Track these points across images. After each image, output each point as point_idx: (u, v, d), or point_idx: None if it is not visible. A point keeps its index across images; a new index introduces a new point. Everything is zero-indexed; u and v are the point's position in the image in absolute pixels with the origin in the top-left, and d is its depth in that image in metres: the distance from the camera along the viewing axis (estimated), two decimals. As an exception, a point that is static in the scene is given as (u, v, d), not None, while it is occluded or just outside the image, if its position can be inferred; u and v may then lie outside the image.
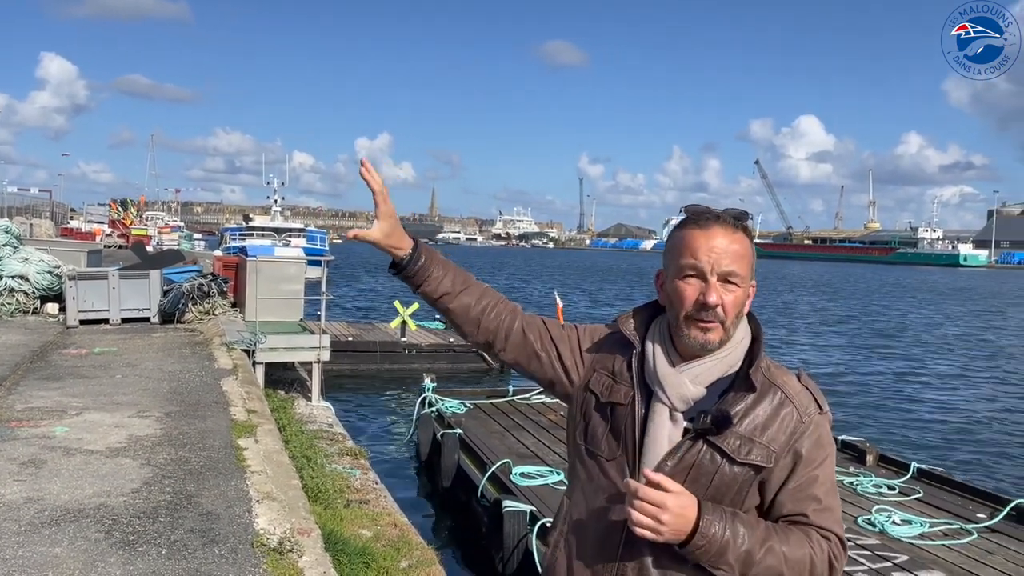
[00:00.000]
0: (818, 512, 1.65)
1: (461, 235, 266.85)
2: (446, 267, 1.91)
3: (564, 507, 1.85)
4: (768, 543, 1.58)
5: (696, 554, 1.57)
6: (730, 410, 1.63)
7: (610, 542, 1.70)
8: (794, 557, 1.59)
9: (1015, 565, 5.87)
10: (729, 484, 1.63)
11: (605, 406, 1.75)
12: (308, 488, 6.19)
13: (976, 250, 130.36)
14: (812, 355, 22.84)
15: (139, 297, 13.48)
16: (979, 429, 14.07)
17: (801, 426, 1.66)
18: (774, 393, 1.67)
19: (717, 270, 1.62)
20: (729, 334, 1.67)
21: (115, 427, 6.59)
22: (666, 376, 1.68)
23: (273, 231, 48.67)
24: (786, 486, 1.65)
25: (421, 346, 17.03)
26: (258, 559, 4.06)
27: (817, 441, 1.67)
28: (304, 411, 11.20)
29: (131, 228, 61.50)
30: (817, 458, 1.66)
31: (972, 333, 30.45)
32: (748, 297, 1.70)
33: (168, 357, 10.16)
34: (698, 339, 1.65)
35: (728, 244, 1.64)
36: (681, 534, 1.56)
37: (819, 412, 1.69)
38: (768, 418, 1.65)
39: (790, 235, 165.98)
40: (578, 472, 1.82)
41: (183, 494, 5.01)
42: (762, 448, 1.63)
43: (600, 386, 1.77)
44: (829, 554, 1.63)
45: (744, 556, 1.57)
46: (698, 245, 1.64)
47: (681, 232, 1.69)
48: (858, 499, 7.25)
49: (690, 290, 1.64)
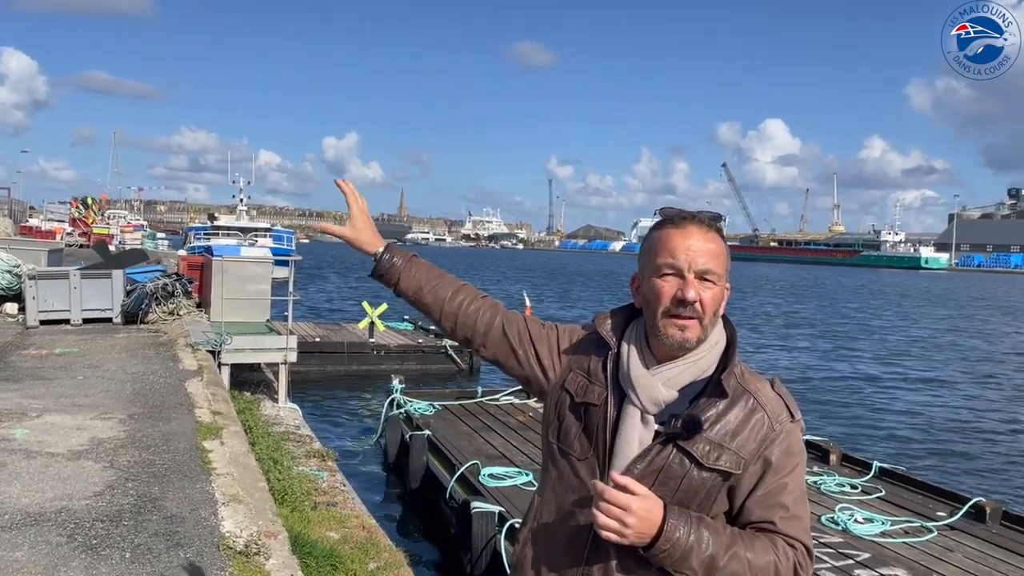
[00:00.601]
0: (785, 520, 1.65)
1: (430, 236, 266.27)
2: (420, 265, 1.95)
3: (534, 504, 1.86)
4: (733, 549, 1.59)
5: (660, 558, 1.58)
6: (701, 415, 1.64)
7: (577, 542, 1.71)
8: (758, 564, 1.60)
9: (973, 562, 5.99)
10: (697, 489, 1.64)
11: (579, 406, 1.76)
12: (275, 490, 6.13)
13: (937, 253, 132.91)
14: (776, 356, 23.13)
15: (101, 297, 13.27)
16: (939, 429, 14.34)
17: (772, 434, 1.66)
18: (746, 399, 1.68)
19: (694, 267, 1.64)
20: (706, 333, 1.67)
21: (77, 429, 6.48)
22: (639, 378, 1.69)
23: (239, 230, 48.13)
24: (754, 493, 1.66)
25: (389, 347, 16.95)
26: (224, 562, 4.03)
27: (787, 449, 1.67)
28: (271, 413, 11.10)
29: (93, 227, 60.43)
30: (787, 466, 1.67)
31: (932, 335, 31.01)
32: (724, 297, 1.71)
33: (131, 358, 10.02)
34: (676, 337, 1.65)
35: (704, 243, 1.66)
36: (645, 537, 1.56)
37: (791, 420, 1.69)
38: (739, 424, 1.66)
39: (756, 237, 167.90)
40: (550, 470, 1.83)
41: (147, 497, 4.95)
42: (731, 454, 1.64)
43: (575, 386, 1.78)
44: (794, 562, 1.63)
45: (708, 561, 1.57)
46: (675, 244, 1.66)
47: (657, 233, 1.71)
48: (822, 498, 7.35)
49: (668, 287, 1.65)
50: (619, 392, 1.72)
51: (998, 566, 5.91)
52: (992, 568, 5.87)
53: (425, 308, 1.95)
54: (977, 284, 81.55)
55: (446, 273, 1.97)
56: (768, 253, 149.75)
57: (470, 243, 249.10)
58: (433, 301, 1.92)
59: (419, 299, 1.94)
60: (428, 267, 1.96)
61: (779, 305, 43.35)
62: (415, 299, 1.94)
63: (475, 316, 1.91)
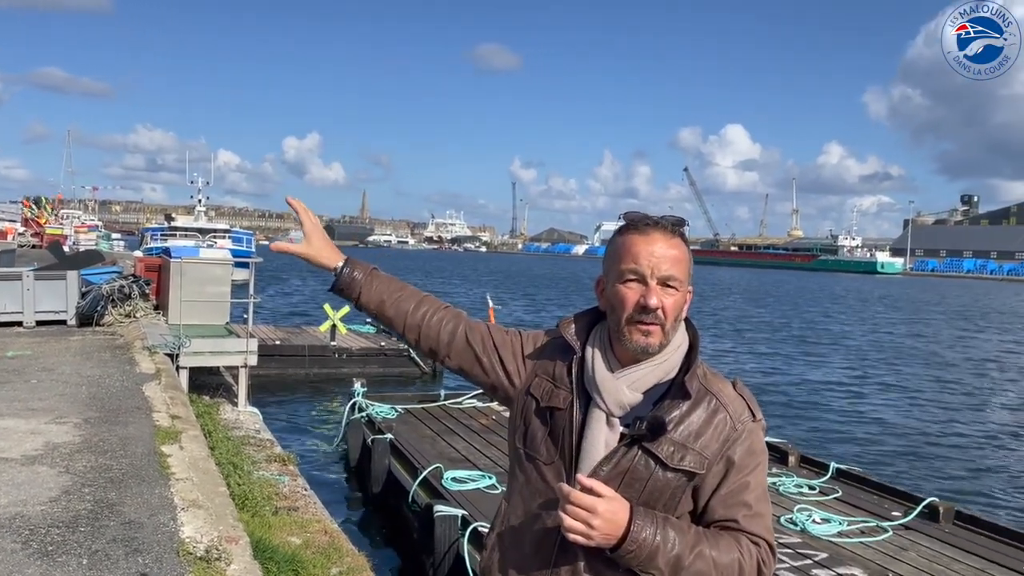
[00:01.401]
0: (748, 518, 1.68)
1: (393, 238, 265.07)
2: (382, 278, 1.95)
3: (502, 510, 1.87)
4: (698, 548, 1.61)
5: (626, 558, 1.59)
6: (665, 417, 1.66)
7: (545, 545, 1.72)
8: (723, 562, 1.62)
9: (927, 561, 6.13)
10: (662, 489, 1.66)
11: (545, 411, 1.77)
12: (235, 495, 6.06)
13: (892, 258, 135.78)
14: (737, 359, 23.41)
15: (55, 299, 13.01)
16: (895, 430, 14.64)
17: (734, 433, 1.69)
18: (709, 400, 1.70)
19: (657, 274, 1.66)
20: (669, 338, 1.70)
21: (31, 434, 6.34)
22: (603, 381, 1.71)
23: (197, 231, 47.54)
24: (718, 492, 1.69)
25: (351, 350, 16.84)
26: (184, 568, 3.97)
27: (749, 449, 1.70)
28: (230, 417, 10.95)
29: (46, 227, 59.21)
30: (749, 465, 1.70)
31: (889, 339, 31.64)
32: (686, 302, 1.73)
33: (87, 361, 9.83)
34: (639, 343, 1.68)
35: (667, 249, 1.67)
36: (612, 539, 1.58)
37: (752, 420, 1.72)
38: (702, 425, 1.68)
39: (717, 242, 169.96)
40: (517, 475, 1.84)
41: (104, 502, 4.86)
42: (695, 455, 1.66)
43: (540, 391, 1.79)
44: (758, 559, 1.66)
45: (674, 560, 1.59)
46: (638, 250, 1.67)
47: (622, 238, 1.72)
48: (780, 499, 7.46)
49: (631, 294, 1.67)
50: (584, 396, 1.73)
51: (951, 565, 6.05)
52: (945, 567, 6.00)
53: (388, 321, 1.94)
54: (932, 289, 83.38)
55: (408, 285, 1.97)
56: (728, 257, 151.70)
57: (433, 246, 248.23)
58: (396, 314, 1.92)
59: (381, 312, 1.93)
60: (389, 280, 1.96)
61: (743, 310, 43.90)
62: (377, 312, 1.94)
63: (438, 327, 1.91)
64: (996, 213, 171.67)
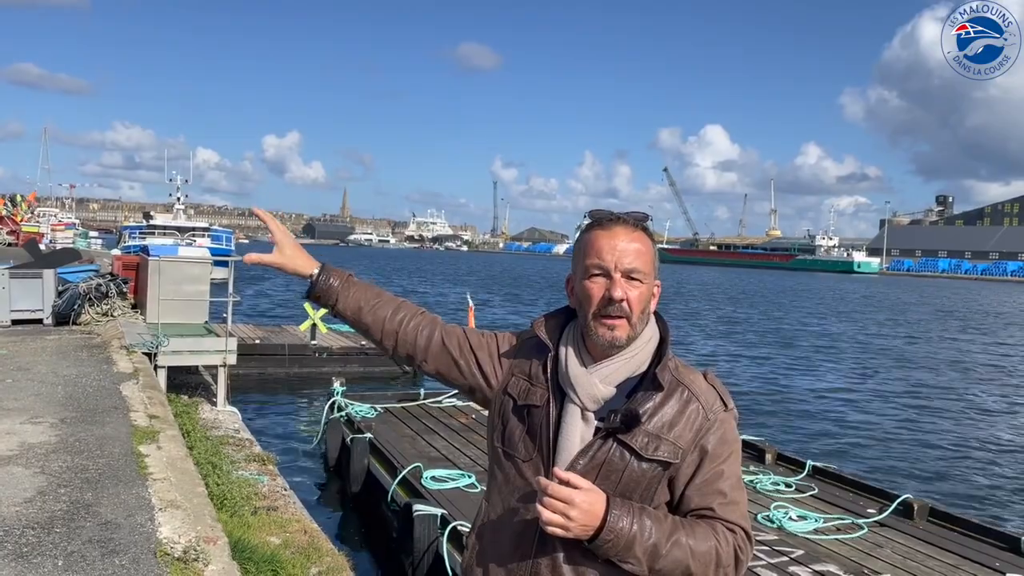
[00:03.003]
0: (724, 506, 1.71)
1: (374, 237, 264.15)
2: (358, 285, 1.96)
3: (482, 509, 1.89)
4: (675, 536, 1.64)
5: (604, 549, 1.62)
6: (638, 408, 1.70)
7: (525, 540, 1.74)
8: (700, 550, 1.65)
9: (902, 557, 6.20)
10: (638, 480, 1.70)
11: (522, 408, 1.80)
12: (214, 495, 6.03)
13: (869, 257, 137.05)
14: (716, 358, 23.54)
15: (31, 297, 12.87)
16: (870, 428, 14.78)
17: (707, 423, 1.73)
18: (681, 391, 1.74)
19: (620, 267, 1.70)
20: (636, 331, 1.74)
21: (5, 434, 6.28)
22: (577, 377, 1.75)
23: (176, 230, 47.22)
24: (693, 481, 1.72)
25: (332, 349, 16.77)
26: (162, 569, 3.95)
27: (722, 437, 1.74)
28: (209, 416, 10.89)
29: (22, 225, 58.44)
30: (722, 454, 1.73)
31: (862, 336, 31.94)
32: (653, 296, 1.78)
33: (63, 360, 9.73)
34: (606, 336, 1.71)
35: (629, 243, 1.72)
36: (589, 529, 1.61)
37: (724, 410, 1.76)
38: (675, 415, 1.72)
39: (696, 241, 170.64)
40: (496, 475, 1.87)
41: (80, 503, 4.82)
42: (669, 445, 1.70)
43: (517, 390, 1.82)
44: (735, 546, 1.70)
45: (651, 549, 1.62)
46: (601, 245, 1.72)
47: (586, 235, 1.77)
48: (757, 496, 7.52)
49: (596, 288, 1.72)
50: (560, 392, 1.77)
51: (926, 561, 6.13)
52: (920, 563, 6.08)
53: (365, 328, 1.95)
54: (910, 288, 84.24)
55: (384, 291, 1.99)
56: (707, 257, 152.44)
57: (414, 244, 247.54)
58: (373, 321, 1.94)
59: (359, 319, 1.95)
60: (366, 287, 1.97)
61: (726, 311, 44.13)
62: (354, 319, 1.95)
63: (415, 332, 1.93)
64: (971, 214, 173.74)
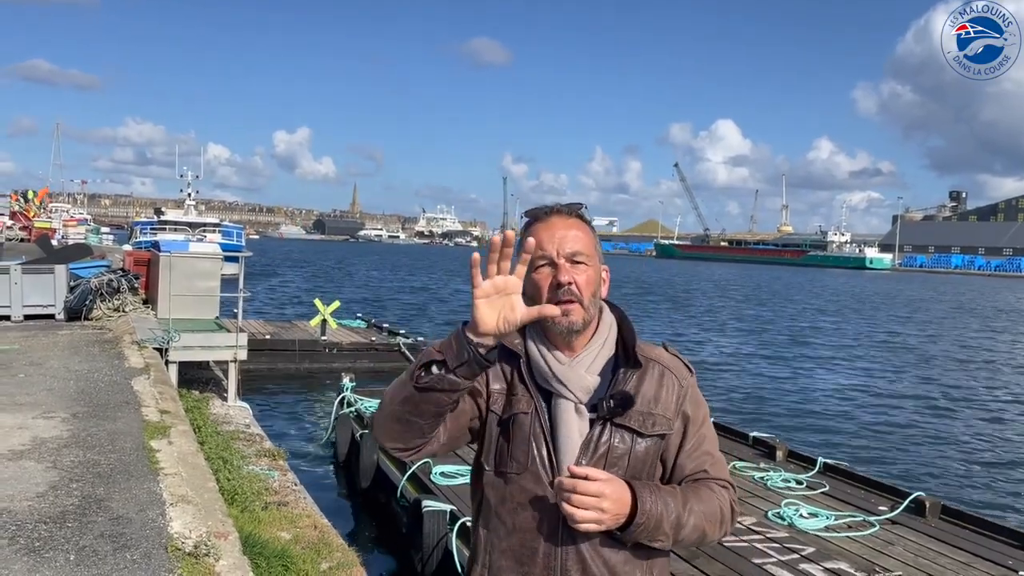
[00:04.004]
0: (713, 465, 1.81)
1: (383, 232, 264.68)
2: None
3: (481, 540, 1.81)
4: (688, 504, 1.70)
5: (637, 532, 1.64)
6: (626, 389, 1.74)
7: (551, 551, 1.70)
8: (709, 511, 1.74)
9: (913, 555, 6.16)
10: (643, 459, 1.74)
11: (508, 421, 1.77)
12: (225, 490, 6.05)
13: (881, 253, 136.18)
14: (728, 355, 23.48)
15: (43, 293, 12.95)
16: (882, 425, 14.71)
17: (681, 390, 1.81)
18: (652, 366, 1.80)
19: (563, 253, 1.74)
20: (590, 313, 1.75)
21: (18, 428, 6.31)
22: (564, 372, 1.74)
23: (187, 225, 47.34)
24: (683, 448, 1.80)
25: (342, 345, 16.80)
26: (173, 564, 3.96)
27: (696, 401, 1.83)
28: (220, 411, 10.93)
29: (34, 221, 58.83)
30: (700, 416, 1.83)
31: (874, 333, 31.79)
32: (603, 280, 1.82)
33: (75, 356, 9.79)
34: (562, 323, 1.72)
35: (567, 229, 1.76)
36: (621, 517, 1.62)
37: (690, 375, 1.86)
38: (656, 390, 1.78)
39: (707, 237, 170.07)
40: (487, 500, 1.79)
41: (92, 498, 4.84)
42: (660, 417, 1.77)
43: (499, 404, 1.79)
44: (730, 500, 1.80)
45: (675, 522, 1.67)
46: (541, 236, 1.75)
47: (526, 232, 1.79)
48: (768, 493, 7.49)
49: (543, 278, 1.74)
50: (544, 393, 1.76)
51: (937, 559, 6.09)
52: (931, 561, 6.04)
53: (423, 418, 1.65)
54: (922, 285, 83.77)
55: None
56: (718, 252, 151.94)
57: (424, 240, 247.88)
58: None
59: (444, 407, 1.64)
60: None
61: (739, 309, 44.01)
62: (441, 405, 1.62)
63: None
64: (984, 209, 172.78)
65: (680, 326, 31.17)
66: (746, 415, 14.17)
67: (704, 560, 5.71)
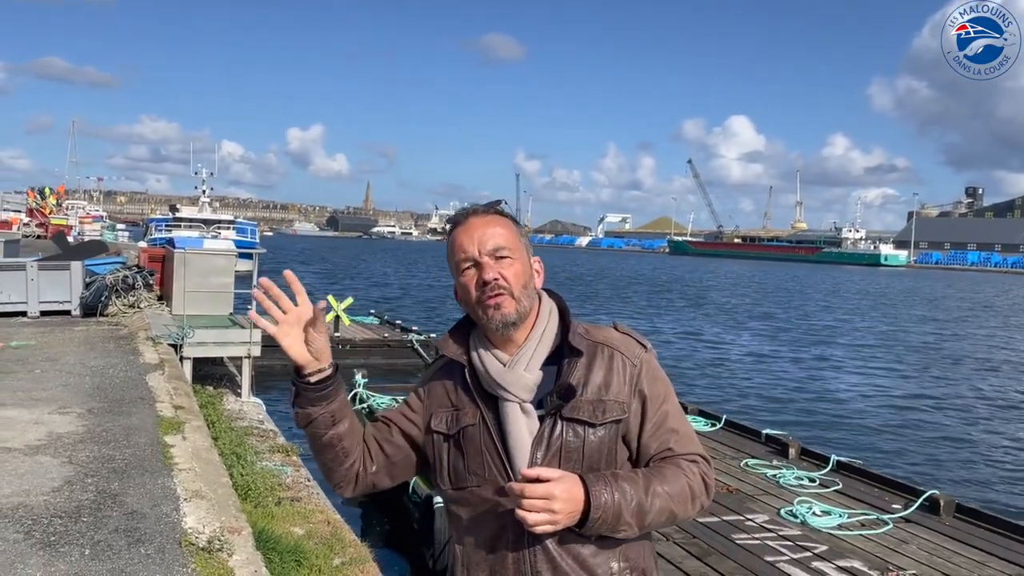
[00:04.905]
0: (679, 442, 1.75)
1: (396, 229, 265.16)
2: (345, 406, 1.84)
3: (458, 556, 1.82)
4: (651, 488, 1.65)
5: (596, 527, 1.61)
6: (570, 380, 1.71)
7: (518, 556, 1.70)
8: (675, 491, 1.68)
9: (927, 554, 6.13)
10: (599, 449, 1.70)
11: (455, 436, 1.77)
12: (238, 486, 6.09)
13: (896, 250, 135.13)
14: (745, 354, 23.40)
15: (59, 289, 13.04)
16: (896, 423, 14.63)
17: (635, 370, 1.76)
18: (601, 350, 1.76)
19: (484, 250, 1.72)
20: (523, 305, 1.73)
21: (34, 424, 6.37)
22: (501, 375, 1.73)
23: (201, 222, 47.57)
24: (644, 429, 1.75)
25: (355, 341, 16.87)
26: (186, 558, 3.99)
27: (653, 377, 1.78)
28: (234, 407, 10.99)
29: (50, 217, 59.29)
30: (660, 394, 1.77)
31: (888, 330, 31.59)
32: (536, 273, 1.80)
33: (91, 351, 9.86)
34: (495, 317, 1.71)
35: (485, 227, 1.74)
36: (576, 515, 1.60)
37: (644, 351, 1.80)
38: (606, 375, 1.74)
39: (721, 234, 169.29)
40: (456, 516, 1.81)
41: (107, 493, 4.88)
42: (612, 403, 1.72)
43: (443, 422, 1.79)
44: (700, 475, 1.73)
45: (636, 510, 1.63)
46: (462, 239, 1.75)
47: (449, 237, 1.79)
48: (780, 491, 7.47)
49: (470, 279, 1.73)
50: (490, 399, 1.75)
51: (952, 558, 6.05)
52: (946, 560, 6.01)
53: (335, 442, 1.80)
54: (939, 281, 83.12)
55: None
56: (732, 249, 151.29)
57: (436, 237, 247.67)
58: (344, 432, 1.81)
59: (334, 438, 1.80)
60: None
61: (754, 306, 43.83)
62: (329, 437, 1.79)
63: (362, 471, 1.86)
64: (1001, 206, 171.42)
65: (697, 323, 31.08)
66: (760, 412, 14.13)
67: (716, 558, 5.71)
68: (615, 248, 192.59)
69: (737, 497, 7.18)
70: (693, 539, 6.03)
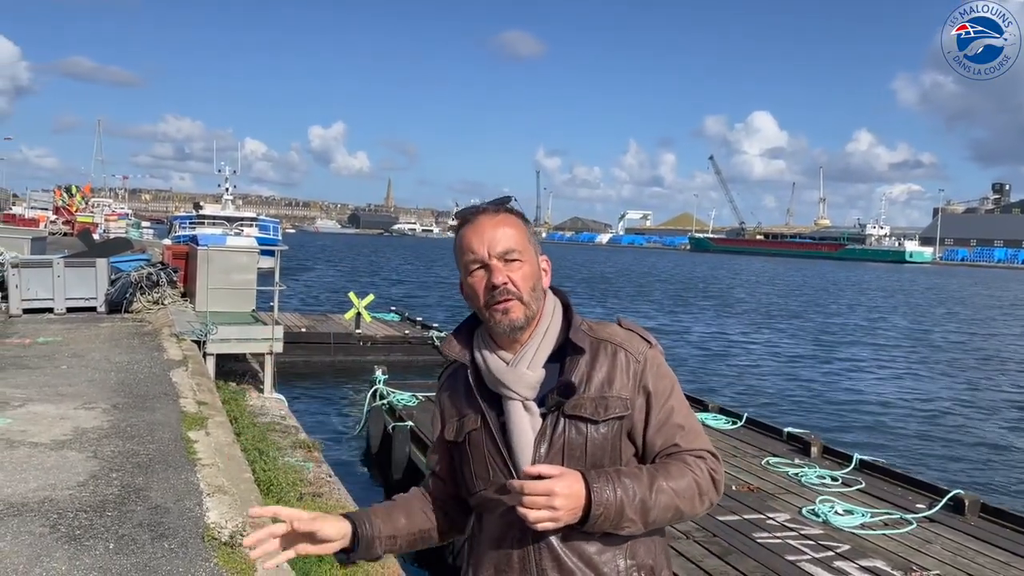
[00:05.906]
0: (685, 437, 1.72)
1: (417, 226, 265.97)
2: (380, 516, 1.86)
3: (466, 554, 1.85)
4: (656, 484, 1.63)
5: (599, 523, 1.60)
6: (571, 377, 1.69)
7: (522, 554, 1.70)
8: (681, 487, 1.65)
9: (952, 554, 6.06)
10: (602, 446, 1.68)
11: (462, 444, 1.78)
12: (260, 481, 6.14)
13: (922, 247, 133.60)
14: (762, 349, 23.26)
15: (85, 286, 13.20)
16: (920, 423, 14.48)
17: (639, 366, 1.73)
18: (605, 347, 1.74)
19: (494, 253, 1.70)
20: (531, 309, 1.72)
21: (60, 419, 6.46)
22: (504, 373, 1.72)
23: (224, 220, 47.93)
24: (649, 425, 1.72)
25: (376, 338, 16.93)
26: (209, 553, 4.03)
27: (658, 373, 1.75)
28: (256, 403, 11.07)
29: (77, 215, 60.04)
30: (665, 389, 1.74)
31: (914, 329, 31.25)
32: (544, 272, 1.79)
33: (115, 348, 9.98)
34: (503, 322, 1.70)
35: (495, 228, 1.72)
36: (577, 512, 1.58)
37: (649, 347, 1.77)
38: (610, 371, 1.72)
39: (743, 230, 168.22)
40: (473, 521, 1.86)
41: (131, 487, 4.94)
42: (616, 400, 1.70)
43: (452, 431, 1.81)
44: (708, 471, 1.70)
45: (640, 506, 1.61)
46: (470, 239, 1.72)
47: (457, 236, 1.77)
48: (802, 490, 7.41)
49: (478, 281, 1.71)
50: (493, 399, 1.74)
51: (976, 558, 5.98)
52: (970, 560, 5.94)
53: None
54: (965, 279, 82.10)
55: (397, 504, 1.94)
56: (754, 246, 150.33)
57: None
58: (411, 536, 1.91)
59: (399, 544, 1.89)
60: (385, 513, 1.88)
61: (778, 304, 43.53)
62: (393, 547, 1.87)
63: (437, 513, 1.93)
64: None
65: (720, 321, 30.92)
66: (782, 411, 14.04)
67: (737, 556, 5.67)
68: (636, 245, 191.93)
69: (758, 496, 7.14)
70: (714, 537, 6.00)
